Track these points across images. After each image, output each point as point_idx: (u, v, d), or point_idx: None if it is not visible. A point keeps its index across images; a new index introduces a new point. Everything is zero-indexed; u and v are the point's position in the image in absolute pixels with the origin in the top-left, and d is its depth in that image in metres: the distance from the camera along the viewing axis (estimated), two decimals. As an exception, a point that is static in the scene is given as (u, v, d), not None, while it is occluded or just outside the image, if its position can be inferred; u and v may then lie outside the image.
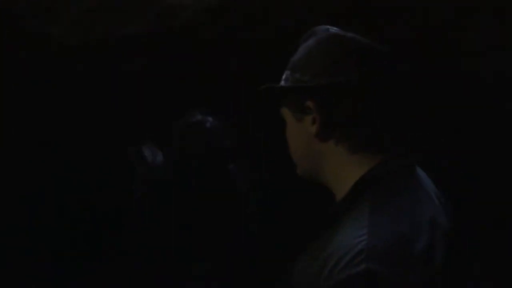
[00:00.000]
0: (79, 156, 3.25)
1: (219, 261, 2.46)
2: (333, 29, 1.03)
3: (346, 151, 0.99)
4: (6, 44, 2.99)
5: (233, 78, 2.85)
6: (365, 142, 0.99)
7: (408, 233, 0.87)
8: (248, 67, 2.80)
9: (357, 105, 0.97)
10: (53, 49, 2.97)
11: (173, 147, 2.40)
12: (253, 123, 2.86)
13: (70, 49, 2.96)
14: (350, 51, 0.98)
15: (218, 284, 2.45)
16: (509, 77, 2.70)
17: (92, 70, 3.02)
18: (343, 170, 1.00)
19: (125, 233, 2.88)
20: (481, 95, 2.72)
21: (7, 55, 3.03)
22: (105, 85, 3.06)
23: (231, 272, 2.47)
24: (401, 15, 2.64)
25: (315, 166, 1.05)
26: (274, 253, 2.67)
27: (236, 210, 2.45)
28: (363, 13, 2.42)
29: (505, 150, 2.72)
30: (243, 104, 2.74)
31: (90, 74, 3.03)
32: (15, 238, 3.17)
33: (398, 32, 2.48)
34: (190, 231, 2.42)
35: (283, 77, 1.07)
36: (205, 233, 2.40)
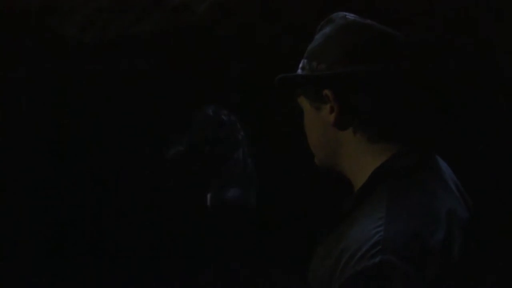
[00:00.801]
0: (88, 153, 3.23)
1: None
2: (351, 16, 1.02)
3: (364, 140, 0.98)
4: (22, 42, 2.99)
5: (246, 76, 2.85)
6: (384, 132, 0.97)
7: (425, 226, 0.87)
8: (262, 64, 2.80)
9: (375, 94, 0.96)
10: (68, 47, 2.96)
11: (187, 139, 2.40)
12: (268, 120, 2.86)
13: (85, 47, 2.95)
14: (368, 39, 0.97)
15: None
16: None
17: (106, 68, 3.01)
18: (361, 160, 0.99)
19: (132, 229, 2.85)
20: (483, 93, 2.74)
21: (23, 53, 3.02)
22: (119, 82, 3.05)
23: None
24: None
25: (333, 155, 1.03)
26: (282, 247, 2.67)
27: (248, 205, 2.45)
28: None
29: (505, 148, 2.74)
30: (257, 101, 2.74)
31: (105, 72, 3.03)
32: (19, 237, 3.15)
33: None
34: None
35: (300, 65, 1.05)
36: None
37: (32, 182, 3.18)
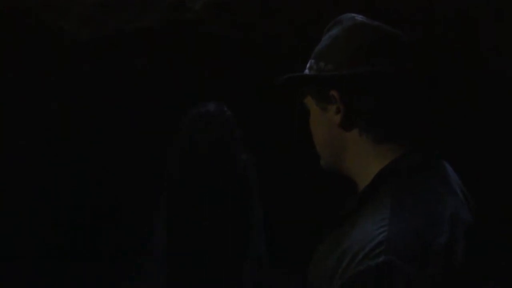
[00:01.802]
0: (86, 151, 3.23)
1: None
2: (359, 18, 1.02)
3: (370, 141, 0.98)
4: (18, 38, 2.98)
5: (245, 73, 2.85)
6: (389, 133, 0.98)
7: (429, 227, 0.86)
8: (259, 61, 2.80)
9: (382, 96, 0.96)
10: (65, 43, 2.96)
11: (184, 136, 2.38)
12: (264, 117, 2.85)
13: (82, 43, 2.95)
14: (376, 40, 0.97)
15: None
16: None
17: (103, 64, 3.01)
18: (366, 161, 0.99)
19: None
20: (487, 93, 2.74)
21: (20, 49, 3.02)
22: (116, 79, 3.05)
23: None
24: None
25: (338, 156, 1.03)
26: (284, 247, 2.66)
27: (245, 202, 2.44)
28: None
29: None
30: (254, 98, 2.74)
31: (102, 68, 3.03)
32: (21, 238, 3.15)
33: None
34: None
35: (307, 66, 1.05)
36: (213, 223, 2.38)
37: (31, 182, 3.18)
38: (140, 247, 3.17)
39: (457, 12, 2.71)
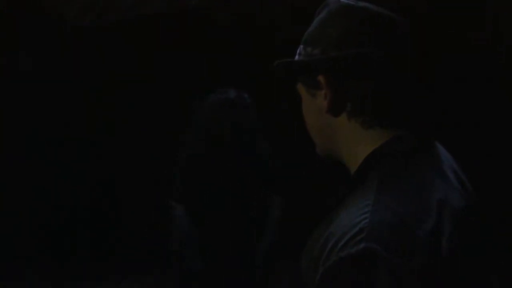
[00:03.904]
0: (86, 151, 3.23)
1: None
2: (345, 0, 1.00)
3: (359, 126, 0.97)
4: (21, 24, 2.98)
5: (247, 61, 2.84)
6: (378, 117, 0.96)
7: (413, 214, 0.84)
8: (263, 49, 2.79)
9: (368, 79, 0.94)
10: (66, 30, 2.96)
11: (204, 122, 2.36)
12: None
13: (83, 30, 2.95)
14: (361, 21, 0.95)
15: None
16: None
17: (104, 51, 3.01)
18: (356, 146, 0.98)
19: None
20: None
21: (22, 35, 3.02)
22: (117, 66, 3.05)
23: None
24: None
25: (331, 142, 1.02)
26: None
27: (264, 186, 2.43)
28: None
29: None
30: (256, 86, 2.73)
31: (103, 55, 3.02)
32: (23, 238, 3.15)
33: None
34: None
35: (298, 51, 1.04)
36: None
37: (31, 182, 3.17)
38: (140, 247, 3.16)
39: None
